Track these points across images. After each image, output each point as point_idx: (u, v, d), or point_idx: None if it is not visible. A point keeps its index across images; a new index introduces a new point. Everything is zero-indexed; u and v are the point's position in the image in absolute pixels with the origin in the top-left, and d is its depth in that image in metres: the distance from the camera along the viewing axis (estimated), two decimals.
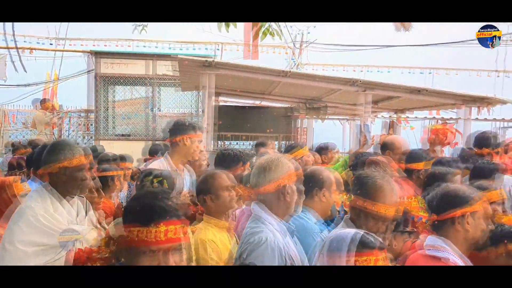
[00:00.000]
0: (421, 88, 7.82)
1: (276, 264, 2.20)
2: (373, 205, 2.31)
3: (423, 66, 15.94)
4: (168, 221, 1.67)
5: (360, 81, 7.49)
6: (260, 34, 3.82)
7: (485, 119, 12.29)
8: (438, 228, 2.25)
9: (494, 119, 13.24)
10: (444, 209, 2.22)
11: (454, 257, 2.12)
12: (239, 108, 11.91)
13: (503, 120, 13.67)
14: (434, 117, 12.56)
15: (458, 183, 3.11)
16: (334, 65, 16.26)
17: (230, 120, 10.77)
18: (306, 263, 2.42)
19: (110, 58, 10.82)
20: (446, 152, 6.06)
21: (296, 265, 2.30)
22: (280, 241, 2.28)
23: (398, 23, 3.17)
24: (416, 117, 13.01)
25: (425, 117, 13.05)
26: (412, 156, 4.24)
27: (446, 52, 16.45)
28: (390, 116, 12.57)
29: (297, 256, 2.39)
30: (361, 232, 1.89)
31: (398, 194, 2.36)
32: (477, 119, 11.26)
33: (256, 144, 5.58)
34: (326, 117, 13.21)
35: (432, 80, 15.12)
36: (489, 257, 2.38)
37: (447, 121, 11.59)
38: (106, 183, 3.96)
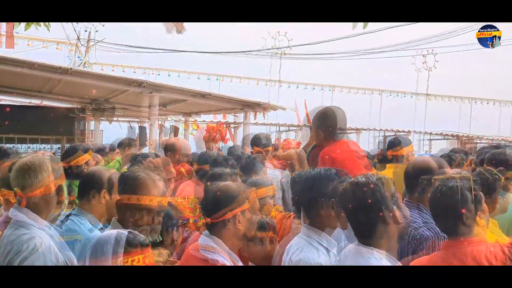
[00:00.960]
0: (205, 92, 8.20)
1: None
2: (137, 198, 2.29)
3: (211, 72, 16.83)
4: None
5: (147, 82, 7.45)
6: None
7: (264, 123, 13.62)
8: (212, 228, 2.31)
9: (271, 123, 14.77)
10: (215, 212, 2.27)
11: (223, 258, 2.21)
12: (13, 108, 10.62)
13: (277, 124, 15.36)
14: (220, 121, 13.34)
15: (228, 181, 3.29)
16: (124, 66, 15.92)
17: (2, 120, 9.52)
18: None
19: None
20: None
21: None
22: (52, 246, 2.14)
23: (170, 25, 3.13)
24: (204, 121, 13.63)
25: (211, 121, 13.77)
26: (204, 158, 4.41)
27: (231, 60, 17.70)
28: (179, 120, 12.89)
29: (71, 260, 2.22)
30: (125, 231, 1.84)
31: (160, 188, 2.38)
32: (256, 123, 12.40)
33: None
34: (116, 119, 12.82)
35: (219, 86, 16.07)
36: (252, 247, 2.59)
37: (231, 125, 12.48)
38: None
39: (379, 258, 1.89)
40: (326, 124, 3.24)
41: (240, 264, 2.31)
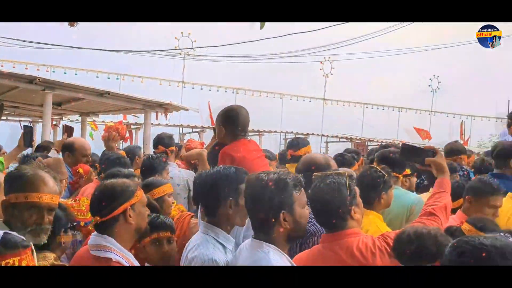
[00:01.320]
0: (104, 91, 7.85)
1: None
2: (25, 196, 2.17)
3: (110, 71, 16.17)
4: None
5: (39, 79, 6.93)
6: None
7: (166, 125, 13.41)
8: (102, 227, 2.23)
9: (174, 125, 14.61)
10: (104, 209, 2.21)
11: (116, 255, 2.15)
12: None
13: (181, 126, 15.24)
14: (121, 121, 12.85)
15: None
16: (15, 62, 14.74)
17: None
18: None
19: None
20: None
21: None
22: None
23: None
24: (103, 121, 13.03)
25: (111, 121, 13.23)
26: (105, 159, 4.22)
27: (134, 59, 17.20)
28: (81, 120, 12.20)
29: None
30: (12, 232, 1.71)
31: (50, 187, 2.25)
32: (159, 124, 12.19)
33: None
34: (5, 118, 11.77)
35: (119, 85, 15.42)
36: (149, 247, 2.54)
37: (131, 125, 12.11)
38: None
39: (272, 253, 1.93)
40: (230, 123, 3.21)
41: (134, 260, 2.26)
